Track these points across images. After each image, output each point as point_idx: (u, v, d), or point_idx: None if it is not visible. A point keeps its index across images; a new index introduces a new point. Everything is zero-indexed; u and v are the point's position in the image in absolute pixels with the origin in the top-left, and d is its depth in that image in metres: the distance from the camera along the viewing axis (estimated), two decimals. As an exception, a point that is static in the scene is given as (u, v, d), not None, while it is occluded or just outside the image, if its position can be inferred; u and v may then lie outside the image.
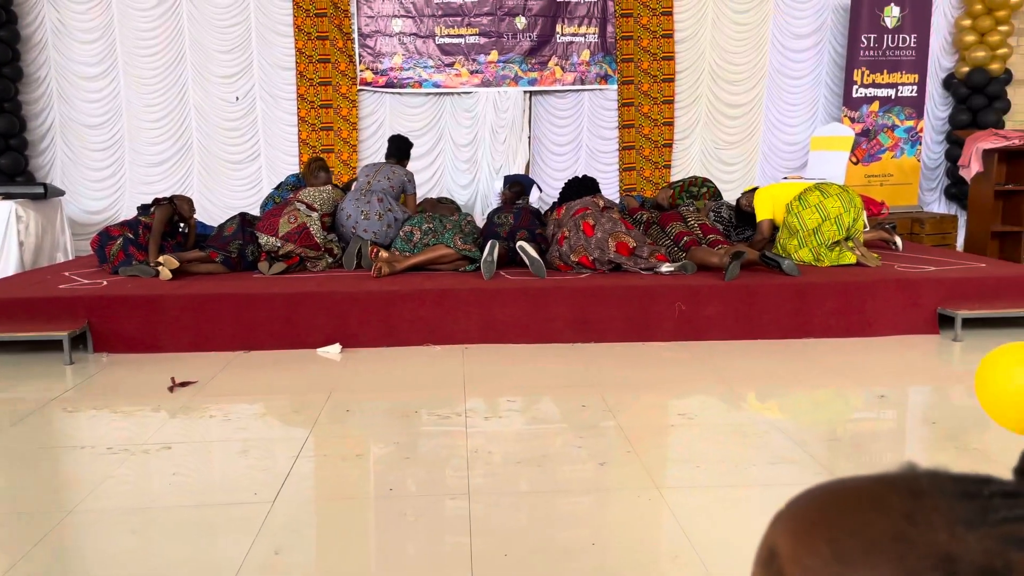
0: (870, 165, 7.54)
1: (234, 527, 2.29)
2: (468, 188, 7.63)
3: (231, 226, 5.18)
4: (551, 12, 7.48)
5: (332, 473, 2.72)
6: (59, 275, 5.00)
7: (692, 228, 5.06)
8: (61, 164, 7.33)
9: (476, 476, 2.63)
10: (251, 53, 7.36)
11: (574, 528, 2.30)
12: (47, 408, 3.42)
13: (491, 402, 3.41)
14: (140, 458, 2.82)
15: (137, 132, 7.34)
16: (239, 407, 3.42)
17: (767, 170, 7.82)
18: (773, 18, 7.65)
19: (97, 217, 7.30)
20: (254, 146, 7.48)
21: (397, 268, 4.77)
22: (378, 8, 7.39)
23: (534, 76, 7.55)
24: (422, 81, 7.50)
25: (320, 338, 4.32)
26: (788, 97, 7.79)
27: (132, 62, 7.26)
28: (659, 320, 4.42)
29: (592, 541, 2.19)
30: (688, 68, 7.67)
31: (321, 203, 5.13)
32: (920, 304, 4.50)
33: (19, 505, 2.48)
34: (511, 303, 4.39)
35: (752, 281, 4.51)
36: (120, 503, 2.47)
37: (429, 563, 2.11)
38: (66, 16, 7.15)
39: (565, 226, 4.94)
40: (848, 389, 3.64)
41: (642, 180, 7.70)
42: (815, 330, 4.47)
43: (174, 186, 7.32)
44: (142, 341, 4.28)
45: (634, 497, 2.46)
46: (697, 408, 3.41)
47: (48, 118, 7.27)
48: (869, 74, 7.39)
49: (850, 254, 4.94)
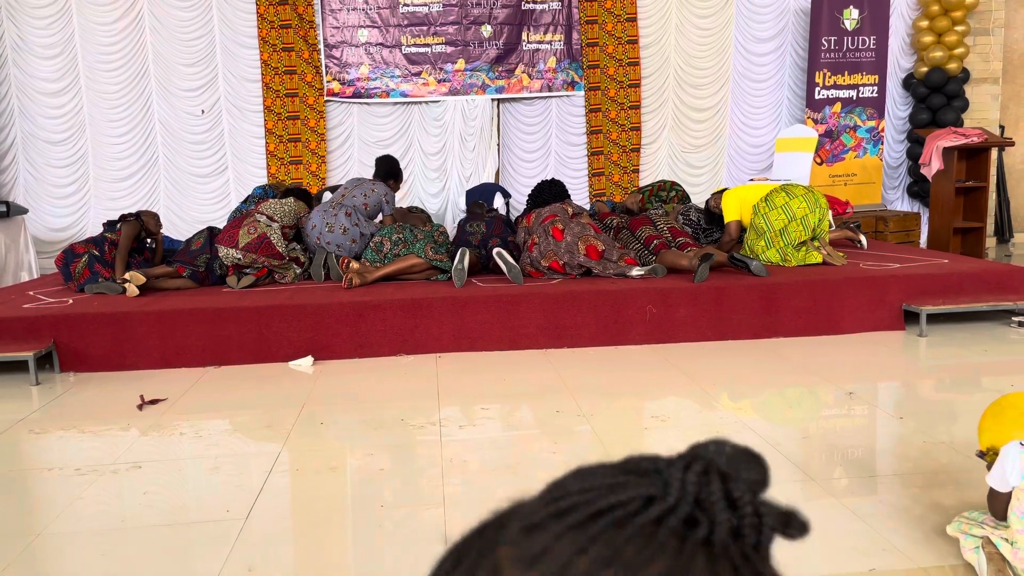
0: (834, 165, 7.66)
1: (207, 545, 2.27)
2: (438, 197, 7.63)
3: (199, 240, 5.13)
4: (517, 20, 7.51)
5: (306, 487, 2.70)
6: (23, 294, 4.91)
7: (661, 231, 5.10)
8: (24, 181, 7.21)
9: (452, 485, 2.63)
10: (216, 65, 7.31)
11: (550, 534, 2.30)
12: (13, 430, 3.36)
13: (465, 410, 3.41)
14: (110, 478, 2.78)
15: (101, 147, 7.25)
16: (210, 423, 3.38)
17: (734, 172, 7.91)
18: (735, 22, 7.75)
19: (62, 234, 7.19)
20: (221, 159, 7.42)
21: (368, 279, 4.75)
22: (343, 19, 7.38)
23: (501, 84, 7.58)
24: (389, 91, 7.49)
25: (291, 351, 4.29)
26: (752, 100, 7.90)
27: (94, 77, 7.16)
28: (631, 324, 4.45)
29: (568, 546, 2.20)
30: (654, 73, 7.74)
31: (282, 215, 5.09)
32: (886, 301, 4.57)
33: (-15, 530, 2.43)
34: (483, 311, 4.40)
35: (721, 283, 4.56)
36: (90, 525, 2.43)
37: (407, 573, 2.11)
38: (25, 32, 7.05)
39: (535, 232, 4.96)
40: (818, 387, 3.69)
41: (611, 185, 7.75)
42: (784, 329, 4.52)
43: (140, 201, 7.23)
44: (110, 359, 4.22)
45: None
46: (671, 410, 3.43)
47: (9, 135, 7.15)
48: (830, 76, 7.51)
49: (816, 254, 5.01)
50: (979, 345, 4.28)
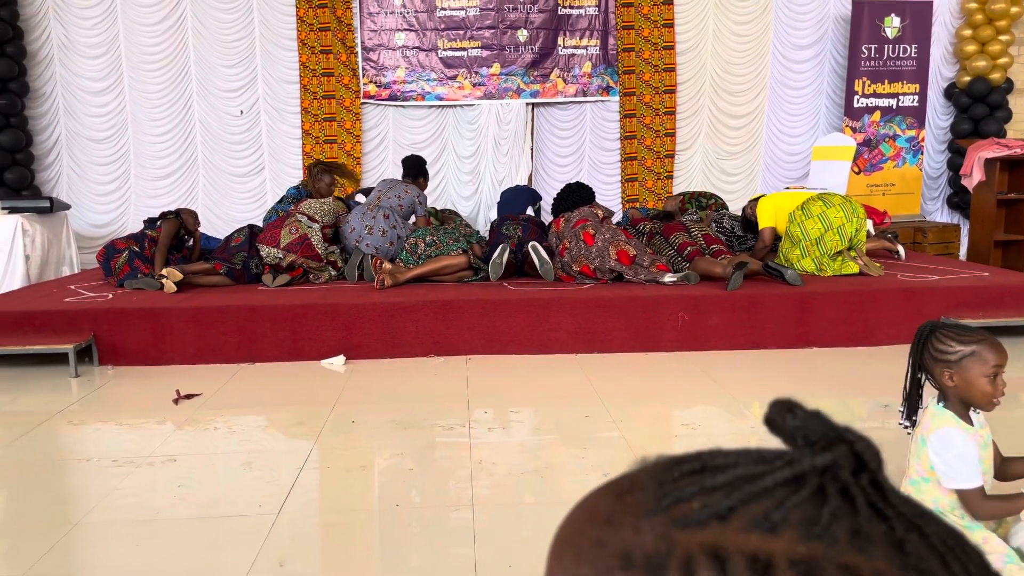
0: (872, 175, 7.55)
1: (239, 539, 2.30)
2: (471, 200, 7.66)
3: (238, 237, 5.21)
4: (553, 25, 7.52)
5: (336, 485, 2.73)
6: (65, 288, 5.03)
7: (695, 238, 5.07)
8: (67, 178, 7.38)
9: (480, 487, 2.64)
10: (255, 67, 7.41)
11: (578, 539, 2.30)
12: (53, 421, 3.43)
13: (495, 413, 3.42)
14: (145, 470, 2.83)
15: (142, 146, 7.39)
16: (244, 419, 3.43)
17: (769, 180, 7.84)
18: (774, 29, 7.69)
19: (102, 230, 7.34)
20: (258, 159, 7.52)
21: (400, 279, 4.79)
22: (381, 22, 7.45)
23: (536, 88, 7.59)
24: (425, 94, 7.54)
25: (324, 350, 4.33)
26: (789, 107, 7.82)
27: (137, 76, 7.31)
28: (662, 330, 4.43)
29: (596, 552, 2.19)
30: (690, 79, 7.70)
31: (322, 215, 5.15)
32: (923, 313, 4.49)
33: (25, 517, 2.49)
34: (514, 314, 4.41)
35: (755, 291, 4.52)
36: (125, 515, 2.48)
37: (433, 574, 2.12)
38: (72, 32, 7.21)
39: (566, 237, 4.96)
40: (852, 398, 3.64)
41: (644, 191, 7.73)
42: (818, 339, 4.47)
43: (179, 199, 7.36)
44: (147, 353, 4.30)
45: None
46: (701, 418, 3.41)
47: (54, 132, 7.32)
48: (870, 84, 7.42)
49: (853, 264, 4.95)
50: (1021, 360, 4.19)
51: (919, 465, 1.84)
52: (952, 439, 1.77)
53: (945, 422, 1.80)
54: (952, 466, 1.77)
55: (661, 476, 0.36)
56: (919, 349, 1.88)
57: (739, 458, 0.36)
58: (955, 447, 1.76)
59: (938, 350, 1.82)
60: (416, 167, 5.82)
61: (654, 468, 0.37)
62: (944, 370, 1.80)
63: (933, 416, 1.83)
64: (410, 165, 5.83)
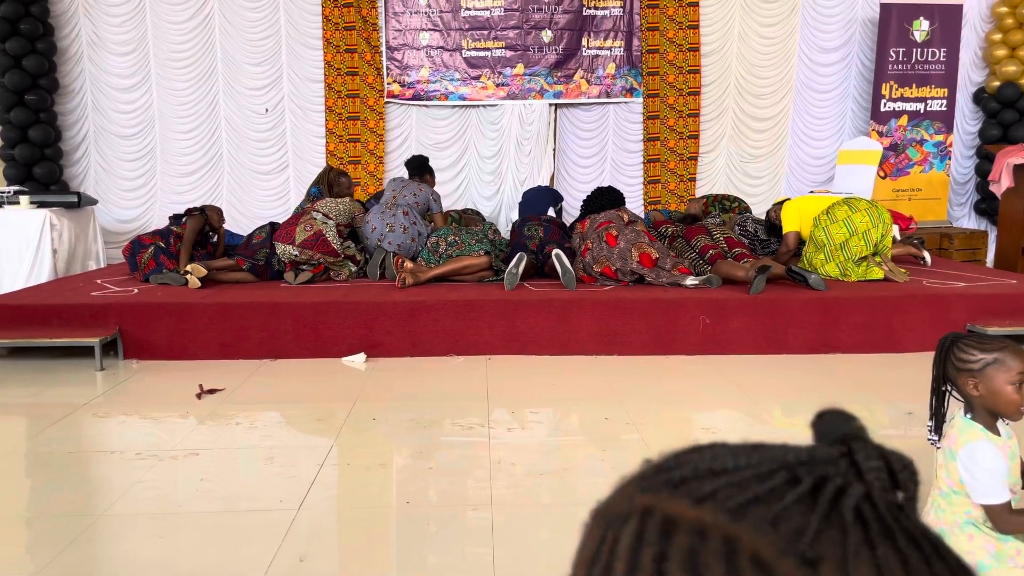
0: (898, 179, 7.47)
1: (259, 534, 2.32)
2: (492, 200, 7.66)
3: (260, 234, 5.25)
4: (577, 26, 7.51)
5: (356, 482, 2.74)
6: (91, 282, 5.09)
7: (717, 241, 5.04)
8: (94, 173, 7.47)
9: (498, 487, 2.64)
10: (281, 66, 7.47)
11: (596, 541, 2.29)
12: (78, 413, 3.48)
13: (514, 413, 3.42)
14: (168, 464, 2.86)
15: (169, 143, 7.47)
16: (265, 415, 3.46)
17: (793, 184, 7.78)
18: (800, 32, 7.62)
19: (129, 226, 7.43)
20: (282, 157, 7.58)
21: (421, 279, 4.81)
22: (406, 22, 7.48)
23: (559, 89, 7.58)
24: (448, 94, 7.56)
25: (345, 347, 4.36)
26: (815, 111, 7.76)
27: (165, 74, 7.39)
28: (683, 333, 4.41)
29: (614, 554, 2.19)
30: (714, 81, 7.66)
31: (337, 213, 5.18)
32: (949, 320, 4.44)
33: (50, 508, 2.53)
34: (535, 315, 4.41)
35: (778, 295, 4.49)
36: (148, 508, 2.51)
37: (451, 573, 2.12)
38: (101, 29, 7.30)
39: (589, 238, 4.95)
40: (875, 405, 3.60)
41: (667, 193, 7.69)
42: (841, 345, 4.43)
43: (204, 196, 7.43)
44: (171, 348, 4.35)
45: (657, 511, 2.45)
46: (721, 422, 3.39)
47: (82, 128, 7.42)
48: (898, 88, 7.34)
49: (877, 269, 4.90)
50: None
51: (948, 478, 1.82)
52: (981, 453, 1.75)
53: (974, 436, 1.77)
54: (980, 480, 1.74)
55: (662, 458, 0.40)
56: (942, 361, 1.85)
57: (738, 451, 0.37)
58: (984, 461, 1.74)
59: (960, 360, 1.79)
60: (421, 166, 5.94)
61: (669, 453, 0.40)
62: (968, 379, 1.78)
63: (961, 430, 1.80)
64: (415, 165, 5.95)
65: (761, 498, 0.34)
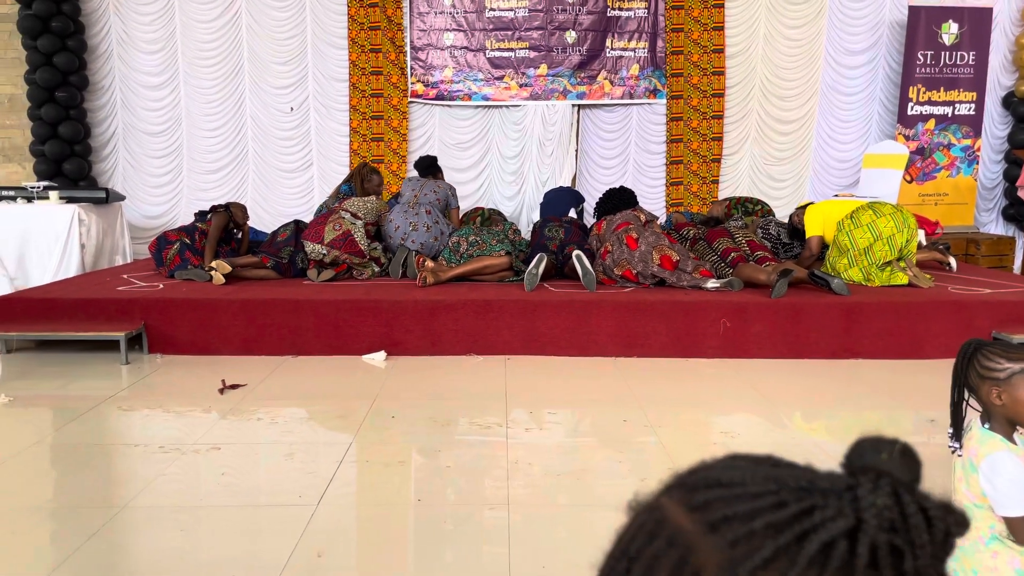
0: (924, 184, 7.39)
1: (279, 528, 2.35)
2: (513, 200, 7.68)
3: (284, 232, 5.30)
4: (601, 27, 7.50)
5: (375, 479, 2.77)
6: (118, 277, 5.17)
7: (739, 244, 5.02)
8: (122, 170, 7.58)
9: (516, 487, 2.65)
10: (306, 65, 7.53)
11: (612, 542, 2.29)
12: (103, 406, 3.54)
13: (532, 414, 3.43)
14: (190, 457, 2.90)
15: (195, 140, 7.56)
16: (286, 411, 3.49)
17: (818, 187, 7.72)
18: (827, 34, 7.56)
19: (155, 222, 7.53)
20: (307, 155, 7.64)
21: (442, 278, 4.83)
22: (430, 22, 7.51)
23: (583, 90, 7.58)
24: (471, 94, 7.58)
25: (366, 345, 4.39)
26: (841, 114, 7.69)
27: (192, 72, 7.48)
28: (703, 336, 4.39)
29: (630, 556, 2.19)
30: (739, 83, 7.62)
31: (365, 212, 5.22)
32: (974, 327, 4.38)
33: (74, 499, 2.57)
34: (554, 315, 4.41)
35: (800, 299, 4.46)
36: (170, 501, 2.55)
37: (467, 572, 2.14)
38: (131, 27, 7.41)
39: (608, 240, 4.95)
40: (897, 412, 3.57)
41: (689, 195, 7.66)
42: (864, 351, 4.39)
43: (229, 193, 7.51)
44: (195, 343, 4.41)
45: (674, 514, 2.45)
46: (740, 427, 3.38)
47: (111, 125, 7.53)
48: (925, 91, 7.25)
49: (902, 275, 4.85)
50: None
51: (969, 492, 1.80)
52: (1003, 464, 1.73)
53: (995, 446, 1.75)
54: (1003, 492, 1.72)
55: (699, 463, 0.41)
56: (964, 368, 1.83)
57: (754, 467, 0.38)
58: (1006, 472, 1.72)
59: (985, 367, 1.77)
60: (432, 165, 6.16)
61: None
62: (992, 388, 1.76)
63: (981, 440, 1.78)
64: (426, 165, 6.17)
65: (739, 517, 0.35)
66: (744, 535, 0.34)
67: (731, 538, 0.34)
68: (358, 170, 5.99)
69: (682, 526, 0.36)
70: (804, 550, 0.33)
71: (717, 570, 0.34)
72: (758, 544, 0.34)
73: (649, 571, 0.35)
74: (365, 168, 5.98)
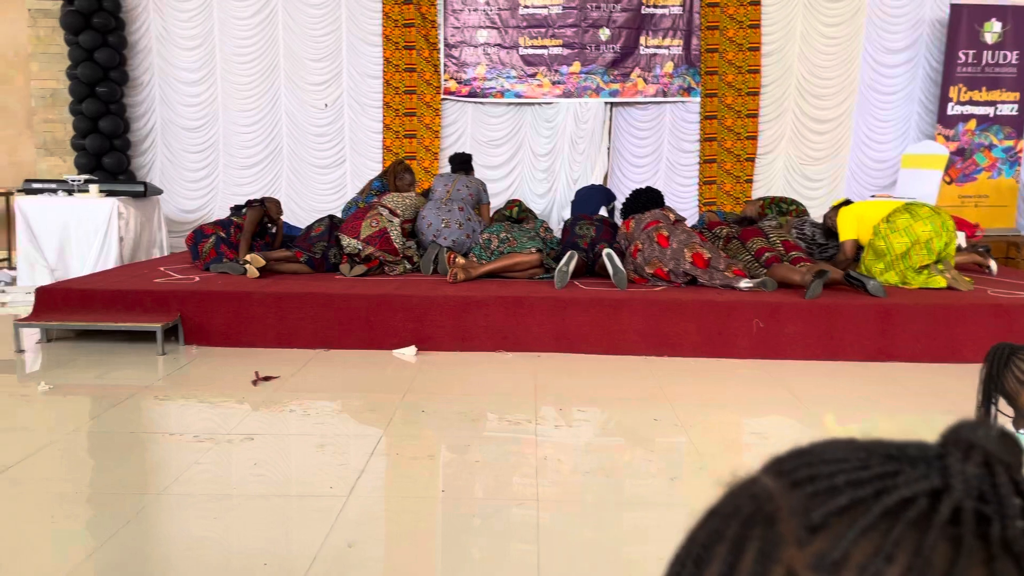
0: (964, 185, 7.25)
1: (310, 518, 2.37)
2: (545, 197, 7.67)
3: (319, 227, 5.35)
4: (635, 24, 7.46)
5: (404, 472, 2.78)
6: (155, 270, 5.26)
7: (774, 244, 4.96)
8: (160, 164, 7.70)
9: (544, 484, 2.65)
10: (341, 62, 7.59)
11: (642, 543, 2.29)
12: (140, 395, 3.60)
13: (562, 411, 3.42)
14: (224, 447, 2.94)
15: (231, 136, 7.66)
16: (318, 403, 3.53)
17: (854, 187, 7.60)
18: (865, 32, 7.45)
19: (191, 215, 7.64)
20: (340, 152, 7.71)
21: (472, 275, 4.84)
22: (464, 19, 7.53)
23: (616, 87, 7.55)
24: (504, 91, 7.58)
25: (397, 340, 4.41)
26: (879, 113, 7.57)
27: (229, 68, 7.58)
28: (736, 336, 4.35)
29: (659, 557, 2.18)
30: (774, 81, 7.53)
31: (403, 209, 5.25)
32: (1014, 331, 4.29)
33: (111, 486, 2.62)
34: (584, 313, 4.40)
35: (834, 300, 4.40)
36: (204, 489, 2.59)
37: (495, 567, 2.14)
38: (170, 24, 7.52)
39: (638, 238, 4.92)
40: (933, 416, 3.51)
41: (722, 194, 7.60)
42: (900, 353, 4.32)
43: (264, 188, 7.60)
44: (229, 335, 4.47)
45: (704, 514, 2.43)
46: (772, 428, 3.34)
47: (150, 120, 7.66)
48: (966, 91, 7.11)
49: (940, 278, 4.75)
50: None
51: None
52: None
53: None
54: None
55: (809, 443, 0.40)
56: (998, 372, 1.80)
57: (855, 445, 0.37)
58: None
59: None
60: (467, 162, 6.19)
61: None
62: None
63: None
64: (461, 161, 6.19)
65: (822, 476, 0.35)
66: (824, 489, 0.34)
67: (810, 491, 0.35)
68: (392, 167, 6.03)
69: (766, 484, 0.36)
70: (881, 502, 0.33)
71: (791, 514, 0.34)
72: (836, 495, 0.34)
73: (727, 520, 0.36)
74: (400, 166, 6.02)
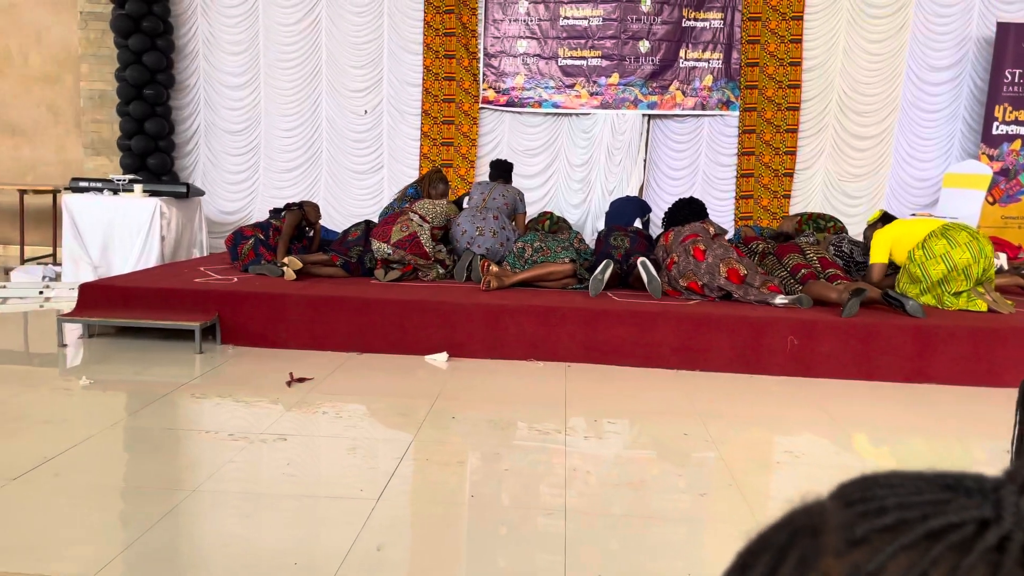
0: (1008, 206, 7.11)
1: (340, 520, 2.40)
2: (579, 208, 7.68)
3: (355, 231, 5.42)
4: (675, 37, 7.45)
5: (433, 478, 2.80)
6: (194, 270, 5.36)
7: (810, 261, 4.91)
8: (203, 166, 7.86)
9: (572, 495, 2.65)
10: (382, 69, 7.69)
11: (669, 558, 2.28)
12: (177, 392, 3.67)
13: (591, 422, 3.42)
14: (257, 446, 2.99)
15: (272, 140, 7.79)
16: (350, 406, 3.57)
17: (895, 205, 7.50)
18: (909, 49, 7.35)
19: (231, 217, 7.78)
20: (378, 158, 7.79)
21: (506, 283, 4.86)
22: (504, 29, 7.58)
23: (654, 100, 7.54)
24: (542, 101, 7.61)
25: (429, 345, 4.45)
26: (921, 131, 7.46)
27: (273, 74, 7.71)
28: (769, 353, 4.31)
29: (687, 572, 2.17)
30: (815, 97, 7.47)
31: (434, 216, 5.30)
32: (1057, 357, 4.20)
33: (147, 481, 2.68)
34: (617, 324, 4.39)
35: (871, 319, 4.34)
36: (237, 487, 2.63)
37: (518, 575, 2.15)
38: (217, 29, 7.68)
39: (674, 251, 4.90)
40: (971, 440, 3.44)
41: (759, 209, 7.54)
42: (938, 375, 4.25)
43: (302, 192, 7.71)
44: (265, 336, 4.53)
45: (733, 531, 2.42)
46: (804, 447, 3.31)
47: (194, 123, 7.82)
48: (1012, 111, 6.98)
49: (980, 301, 4.65)
50: None
51: None
52: None
53: None
54: None
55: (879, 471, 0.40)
56: None
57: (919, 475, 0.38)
58: None
59: None
60: (508, 170, 6.19)
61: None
62: None
63: None
64: (503, 168, 6.18)
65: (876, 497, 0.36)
66: (874, 509, 0.35)
67: (860, 510, 0.35)
68: (428, 175, 6.09)
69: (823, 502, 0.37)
70: (927, 524, 0.33)
71: (836, 528, 0.35)
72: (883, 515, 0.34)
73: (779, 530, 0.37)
74: (436, 174, 6.07)
